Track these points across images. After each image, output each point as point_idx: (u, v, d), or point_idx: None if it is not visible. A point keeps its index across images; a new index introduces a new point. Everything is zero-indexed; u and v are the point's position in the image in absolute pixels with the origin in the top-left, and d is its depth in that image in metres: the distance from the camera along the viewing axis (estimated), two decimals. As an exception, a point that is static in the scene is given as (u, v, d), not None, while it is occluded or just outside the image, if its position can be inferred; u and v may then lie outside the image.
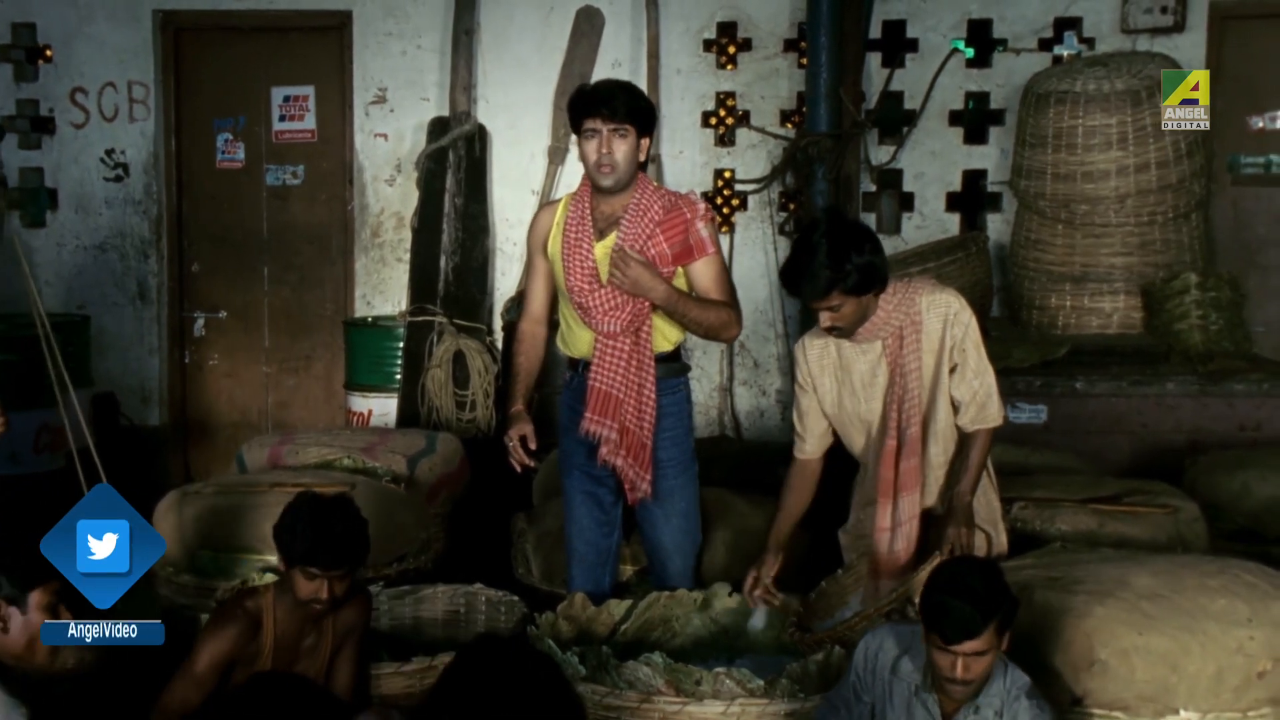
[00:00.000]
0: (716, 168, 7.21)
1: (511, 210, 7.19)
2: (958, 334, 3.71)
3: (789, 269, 3.69)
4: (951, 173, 7.04)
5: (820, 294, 3.62)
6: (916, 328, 3.71)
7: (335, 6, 7.22)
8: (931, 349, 3.73)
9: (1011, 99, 6.80)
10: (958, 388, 3.73)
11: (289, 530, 3.45)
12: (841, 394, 3.86)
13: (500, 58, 7.18)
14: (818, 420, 3.92)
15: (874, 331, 3.74)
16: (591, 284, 3.99)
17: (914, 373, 3.73)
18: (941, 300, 3.73)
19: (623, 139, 3.88)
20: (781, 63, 7.11)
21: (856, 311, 3.67)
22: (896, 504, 3.75)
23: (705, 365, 7.19)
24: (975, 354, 3.73)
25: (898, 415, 3.75)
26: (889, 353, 3.76)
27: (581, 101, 3.92)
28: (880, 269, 3.65)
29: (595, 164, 3.91)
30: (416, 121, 7.23)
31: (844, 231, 3.65)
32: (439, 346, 6.75)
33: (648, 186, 4.02)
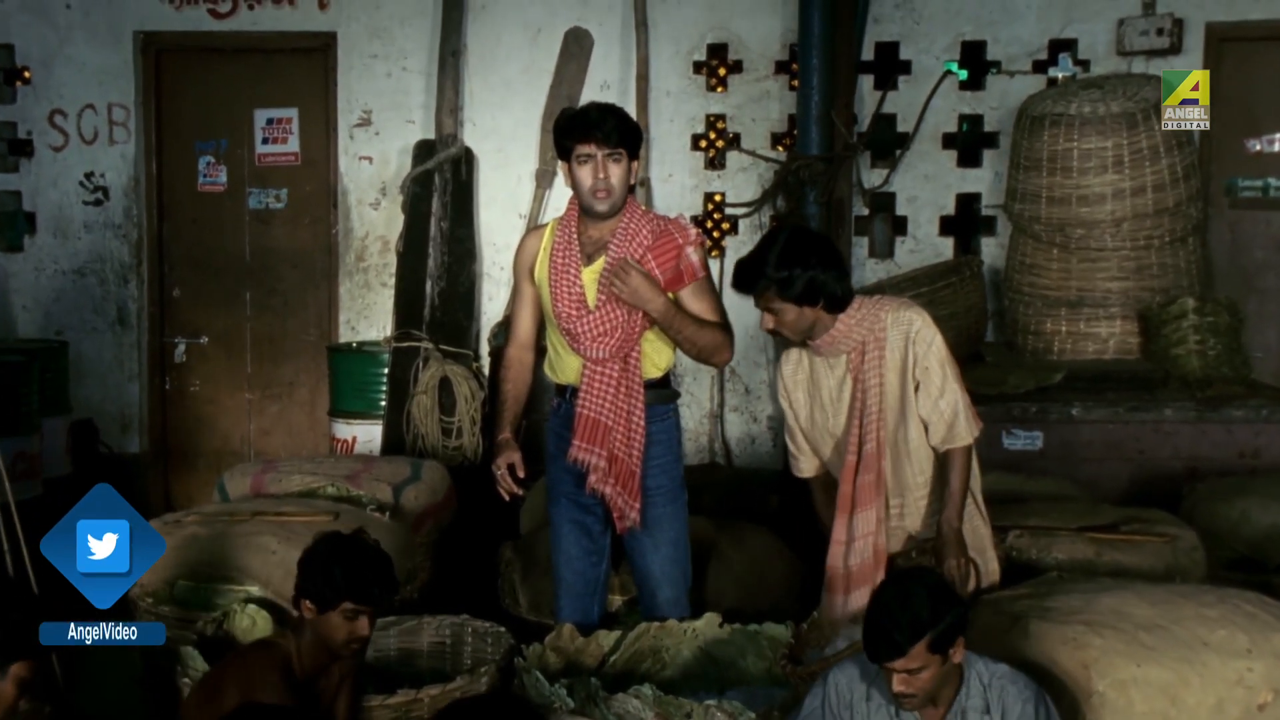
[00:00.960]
0: (707, 191, 7.23)
1: (498, 234, 7.20)
2: (919, 351, 3.73)
3: (740, 264, 3.78)
4: (945, 196, 7.06)
5: (757, 290, 3.71)
6: (880, 344, 3.75)
7: (319, 28, 7.25)
8: (895, 366, 3.75)
9: (1006, 122, 6.83)
10: (923, 406, 3.74)
11: (324, 572, 3.42)
12: (813, 409, 3.91)
13: (487, 80, 7.19)
14: (804, 436, 3.97)
15: (835, 345, 3.78)
16: (579, 309, 4.00)
17: (874, 388, 3.75)
18: (905, 317, 3.76)
19: (616, 163, 3.91)
20: (772, 85, 7.13)
21: (799, 321, 3.73)
22: (853, 519, 3.77)
23: (695, 391, 7.19)
24: (939, 371, 3.73)
25: (858, 430, 3.77)
26: (852, 367, 3.80)
27: (573, 126, 3.91)
28: (827, 287, 3.70)
29: (591, 189, 3.92)
30: (402, 144, 7.24)
31: (800, 243, 3.73)
32: (424, 372, 6.75)
33: (636, 210, 4.04)
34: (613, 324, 3.97)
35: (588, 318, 3.99)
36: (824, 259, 3.73)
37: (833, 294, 3.73)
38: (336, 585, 3.41)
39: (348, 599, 3.41)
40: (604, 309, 3.98)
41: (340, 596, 3.42)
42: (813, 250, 3.74)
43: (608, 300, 3.97)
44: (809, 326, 3.76)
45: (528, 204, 7.19)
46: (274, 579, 4.44)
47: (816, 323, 3.75)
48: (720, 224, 7.30)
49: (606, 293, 3.96)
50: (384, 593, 3.48)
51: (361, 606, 3.43)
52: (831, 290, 3.72)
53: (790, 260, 3.69)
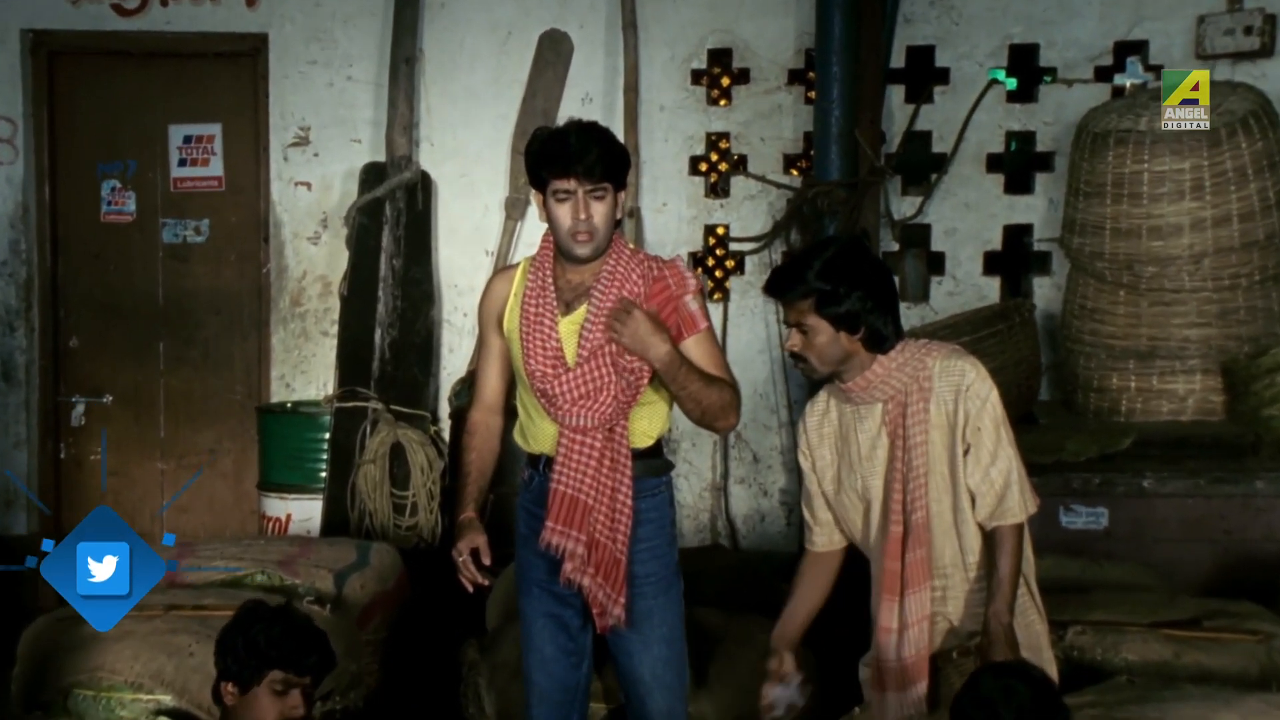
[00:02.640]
0: (707, 223, 7.27)
1: (461, 274, 7.23)
2: (972, 408, 3.75)
3: (779, 267, 3.91)
4: (990, 228, 7.08)
5: (791, 298, 3.76)
6: (924, 395, 3.78)
7: (247, 28, 7.26)
8: (942, 423, 3.78)
9: (1062, 139, 6.81)
10: (971, 474, 3.76)
11: (245, 641, 3.42)
12: (840, 469, 3.93)
13: (448, 91, 7.23)
14: (826, 505, 3.99)
15: (869, 391, 3.81)
16: (555, 367, 4.00)
17: (919, 447, 3.77)
18: (956, 367, 3.79)
19: (600, 200, 3.93)
20: (785, 97, 7.16)
21: (830, 349, 3.77)
22: (903, 602, 3.79)
23: (694, 459, 7.21)
24: (993, 434, 3.76)
25: (901, 496, 3.80)
26: (889, 420, 3.82)
27: (549, 156, 3.92)
28: (872, 318, 3.75)
29: (570, 231, 3.94)
30: (346, 167, 7.27)
31: (854, 258, 3.80)
32: (373, 438, 6.76)
33: (623, 250, 4.06)
34: (595, 384, 3.99)
35: (565, 377, 3.99)
36: (877, 286, 3.79)
37: (876, 329, 3.77)
38: (260, 653, 3.40)
39: (275, 667, 3.40)
40: (586, 366, 3.99)
41: (266, 665, 3.41)
42: (868, 272, 3.80)
43: (591, 356, 3.98)
44: (840, 358, 3.79)
45: (496, 239, 7.22)
46: (191, 686, 4.42)
47: (851, 358, 3.79)
48: (723, 262, 7.32)
49: (590, 347, 3.97)
50: (320, 662, 3.45)
51: (293, 678, 3.41)
52: (876, 325, 3.77)
53: (839, 274, 3.74)
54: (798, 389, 7.09)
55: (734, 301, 7.21)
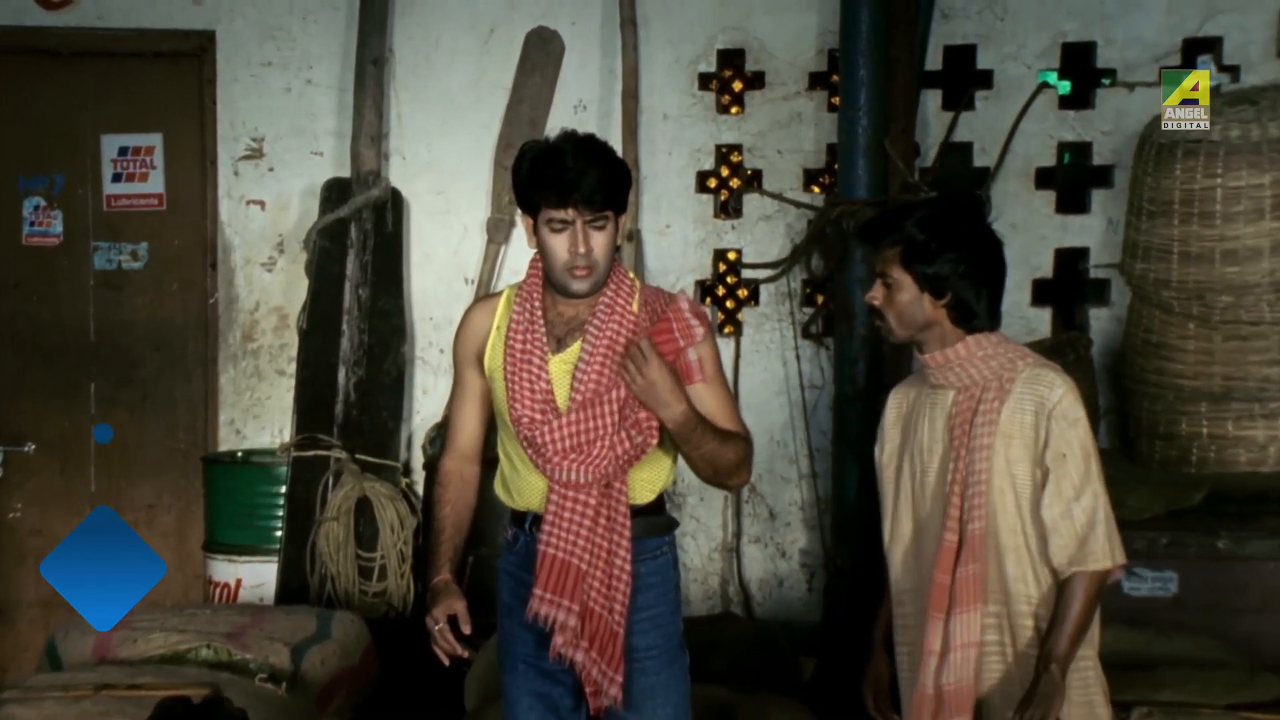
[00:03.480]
0: (717, 247, 7.30)
1: (437, 305, 7.26)
2: (1058, 428, 3.82)
3: (878, 215, 4.18)
4: (1040, 252, 7.09)
5: (882, 244, 3.95)
6: (1002, 394, 3.88)
7: (191, 25, 7.27)
8: (1013, 434, 3.86)
9: (1123, 151, 6.83)
10: (1050, 506, 3.81)
11: None
12: (902, 456, 4.10)
13: (422, 97, 7.25)
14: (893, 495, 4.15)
15: (946, 370, 3.96)
16: (545, 412, 4.00)
17: (982, 450, 3.86)
18: (1046, 378, 3.88)
19: (601, 229, 3.94)
20: (805, 104, 7.19)
21: (912, 310, 3.93)
22: (950, 622, 3.85)
23: (701, 516, 7.22)
24: (1081, 464, 3.81)
25: (959, 501, 3.88)
26: (957, 412, 3.94)
27: (541, 181, 3.91)
28: (965, 288, 3.89)
29: (567, 266, 3.94)
30: (305, 184, 7.29)
31: (964, 221, 3.99)
32: (336, 492, 6.77)
33: (623, 280, 4.08)
34: (590, 434, 3.98)
35: (556, 424, 3.98)
36: (979, 255, 3.93)
37: (965, 301, 3.90)
38: None
39: None
40: (580, 413, 3.98)
41: None
42: (972, 236, 3.95)
43: (586, 401, 3.97)
44: (921, 324, 3.94)
45: (476, 265, 7.24)
46: (123, 777, 4.39)
47: (933, 327, 3.94)
48: (735, 291, 7.34)
49: (585, 390, 3.98)
50: None
51: None
52: (966, 295, 3.90)
53: (938, 229, 3.90)
54: (820, 436, 7.14)
55: (747, 336, 7.22)
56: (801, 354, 7.16)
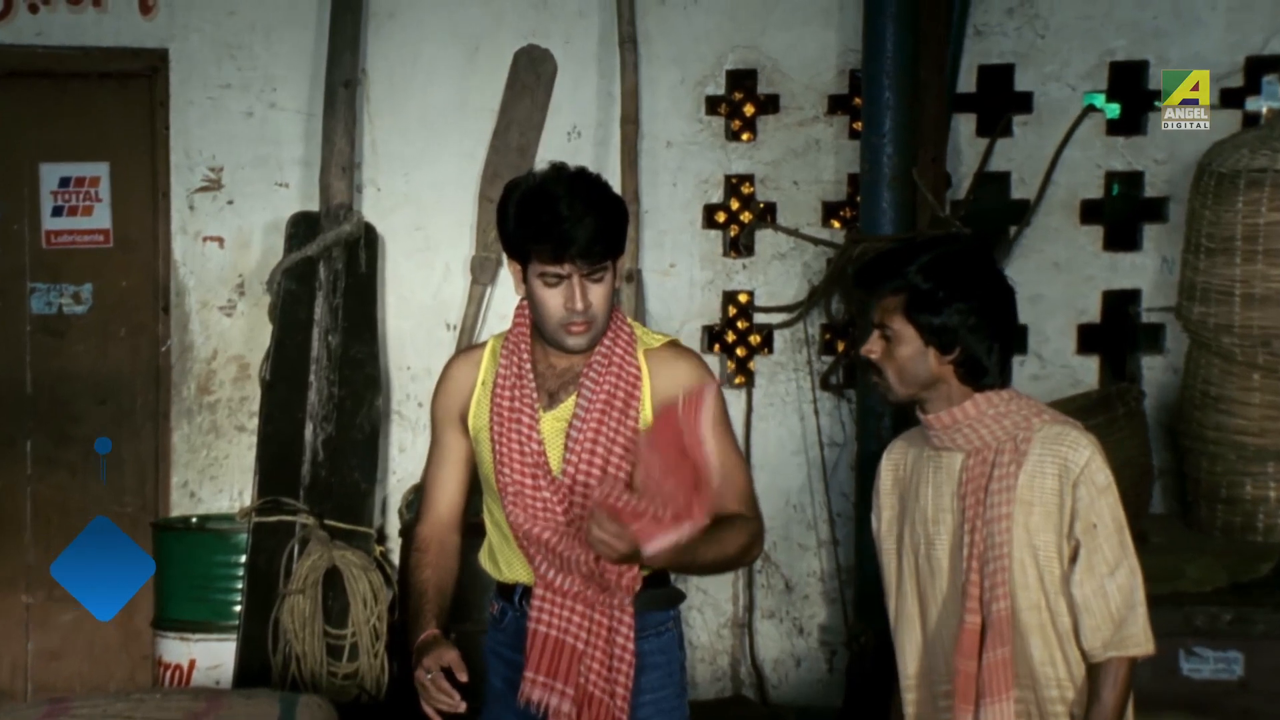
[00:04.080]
0: (726, 289, 7.32)
1: (415, 354, 7.27)
2: (1086, 496, 3.79)
3: (877, 256, 4.08)
4: (1085, 294, 7.10)
5: (881, 291, 3.90)
6: (1018, 457, 3.84)
7: (141, 42, 7.26)
8: (1031, 500, 3.82)
9: (1179, 182, 6.85)
10: (1083, 583, 3.79)
11: None
12: (903, 525, 4.05)
13: (399, 123, 7.27)
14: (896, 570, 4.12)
15: (953, 432, 3.91)
16: (536, 477, 4.00)
17: (1001, 521, 3.82)
18: (1069, 437, 3.85)
19: (599, 282, 3.94)
20: (824, 130, 7.21)
21: (914, 366, 3.88)
22: (980, 713, 3.84)
23: (709, 588, 7.19)
24: (1115, 536, 3.80)
25: (979, 579, 3.87)
26: (968, 479, 3.90)
27: (533, 233, 3.89)
28: (974, 342, 3.84)
29: (562, 323, 3.93)
30: (269, 218, 7.28)
31: (971, 266, 3.91)
32: (302, 562, 6.73)
33: (621, 326, 4.09)
34: (588, 499, 3.94)
35: (549, 490, 3.98)
36: (990, 305, 3.88)
37: (974, 356, 3.85)
38: None
39: None
40: (577, 477, 3.98)
41: None
42: (983, 284, 3.89)
43: (581, 462, 3.98)
44: (925, 381, 3.90)
45: (459, 308, 7.25)
46: None
47: (938, 384, 3.89)
48: (746, 337, 7.36)
49: (580, 451, 3.98)
50: None
51: None
52: (976, 350, 3.84)
53: (945, 275, 3.83)
54: (841, 499, 7.16)
55: (760, 388, 7.23)
56: (820, 407, 7.16)
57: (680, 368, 4.04)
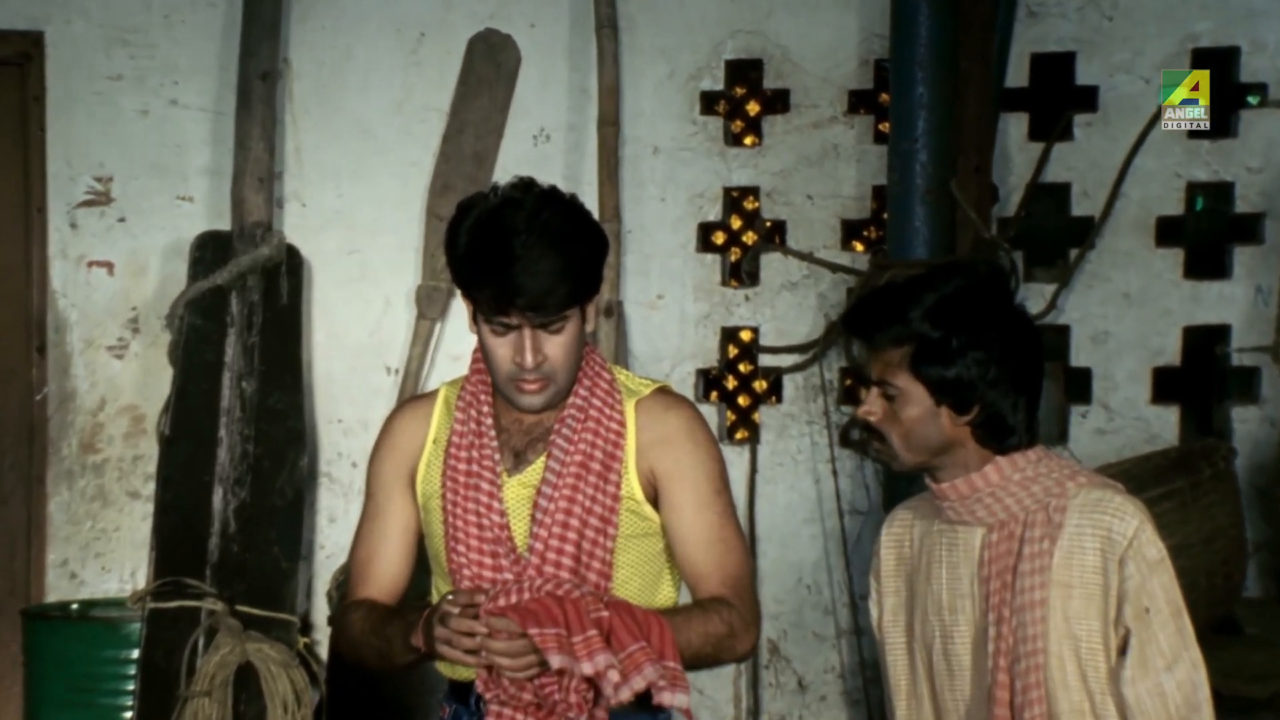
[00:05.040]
0: (726, 324, 7.31)
1: (349, 404, 7.31)
2: (1137, 574, 3.77)
3: (872, 294, 4.09)
4: (1163, 331, 7.06)
5: (879, 340, 3.87)
6: (1052, 528, 3.84)
7: (11, 23, 7.26)
8: (1073, 583, 3.81)
9: (1276, 194, 6.92)
10: (1135, 681, 3.78)
11: None
12: (913, 613, 4.06)
13: (329, 124, 7.31)
14: (907, 668, 4.13)
15: (971, 504, 3.90)
16: (496, 557, 3.98)
17: (1034, 609, 3.83)
18: (1113, 503, 3.82)
19: (560, 333, 3.92)
20: (844, 133, 7.22)
21: (922, 428, 3.87)
22: None
23: (706, 688, 7.16)
24: (1171, 623, 3.79)
25: (1008, 680, 3.86)
26: (991, 558, 3.90)
27: (477, 274, 3.88)
28: (996, 397, 3.83)
29: (511, 378, 3.92)
30: (169, 240, 7.28)
31: (985, 304, 3.86)
32: (209, 657, 6.66)
33: (600, 375, 4.09)
34: (560, 583, 3.92)
35: (512, 571, 3.97)
36: (1013, 351, 3.84)
37: (998, 414, 3.83)
38: None
39: None
40: (547, 555, 3.97)
41: None
42: (1003, 326, 3.85)
43: (552, 538, 3.96)
44: (937, 447, 3.88)
45: (402, 349, 7.27)
46: None
47: (952, 449, 3.88)
48: (750, 383, 7.53)
49: (551, 525, 3.97)
50: None
51: None
52: (999, 406, 3.82)
53: (957, 320, 3.79)
54: (863, 578, 6.92)
55: (767, 445, 7.22)
56: (840, 468, 7.13)
57: (671, 421, 4.04)
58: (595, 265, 3.96)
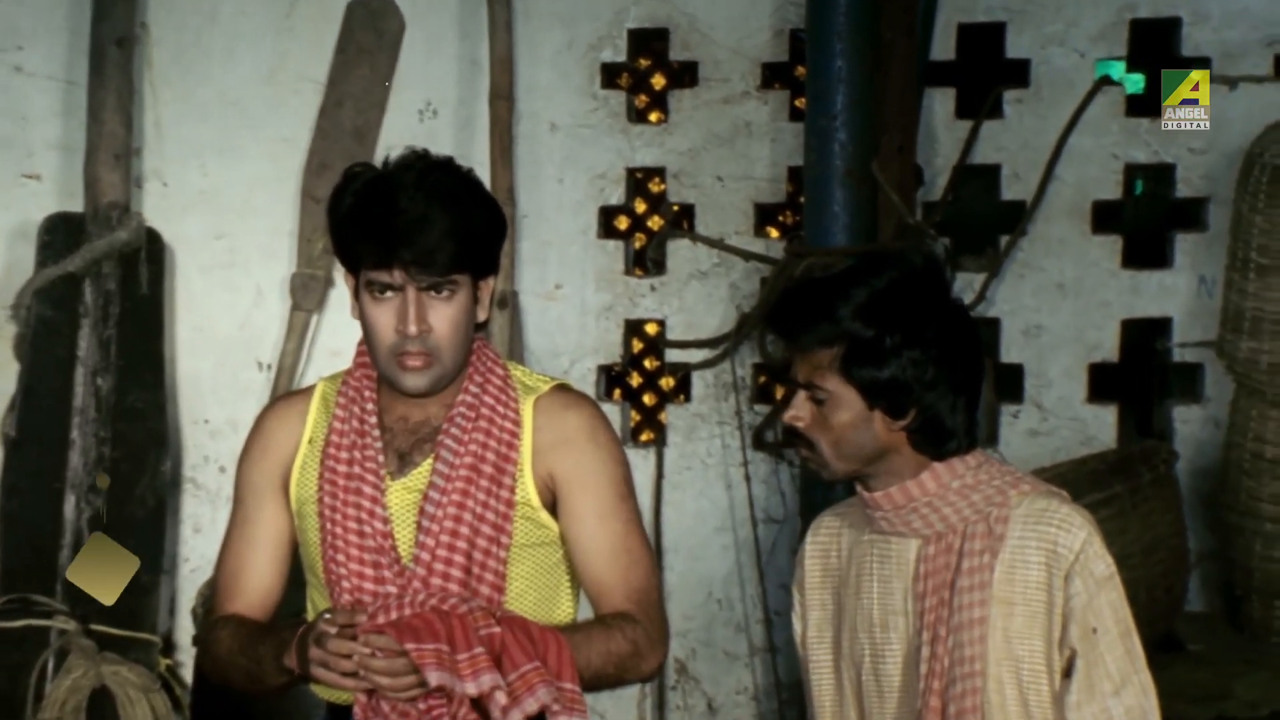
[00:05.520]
0: (630, 317, 7.36)
1: (216, 403, 7.31)
2: (1083, 594, 3.77)
3: (796, 289, 4.10)
4: (1100, 324, 7.10)
5: (806, 340, 3.84)
6: (993, 540, 3.83)
7: None
8: (1014, 599, 3.81)
9: (1220, 177, 6.88)
10: (1080, 706, 3.78)
11: None
12: (840, 625, 4.05)
13: (192, 95, 7.27)
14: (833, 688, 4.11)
15: (906, 514, 3.89)
16: (378, 568, 3.97)
17: (972, 626, 3.82)
18: (1058, 515, 3.81)
19: (448, 301, 3.91)
20: (758, 109, 7.25)
21: (854, 434, 3.84)
22: None
23: (608, 711, 7.16)
24: (1120, 642, 3.79)
25: (940, 704, 3.86)
26: (926, 572, 3.89)
27: (360, 228, 3.89)
28: (933, 400, 3.81)
29: (394, 351, 3.91)
30: (14, 222, 7.27)
31: (919, 298, 3.84)
32: (60, 681, 6.66)
33: (493, 370, 4.10)
34: (449, 596, 3.93)
35: (395, 584, 3.95)
36: (951, 348, 3.81)
37: (935, 417, 3.80)
38: None
39: None
40: (434, 566, 3.95)
41: None
42: (945, 327, 3.82)
43: (440, 547, 3.95)
44: (870, 454, 3.85)
45: (275, 344, 7.26)
46: None
47: (886, 456, 3.85)
48: (656, 380, 7.66)
49: (438, 534, 3.96)
50: None
51: None
52: (937, 409, 3.80)
53: (890, 317, 3.76)
54: (780, 593, 7.03)
55: (674, 447, 7.27)
56: (753, 472, 7.16)
57: (571, 421, 4.05)
58: (489, 238, 3.96)
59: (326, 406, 4.08)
